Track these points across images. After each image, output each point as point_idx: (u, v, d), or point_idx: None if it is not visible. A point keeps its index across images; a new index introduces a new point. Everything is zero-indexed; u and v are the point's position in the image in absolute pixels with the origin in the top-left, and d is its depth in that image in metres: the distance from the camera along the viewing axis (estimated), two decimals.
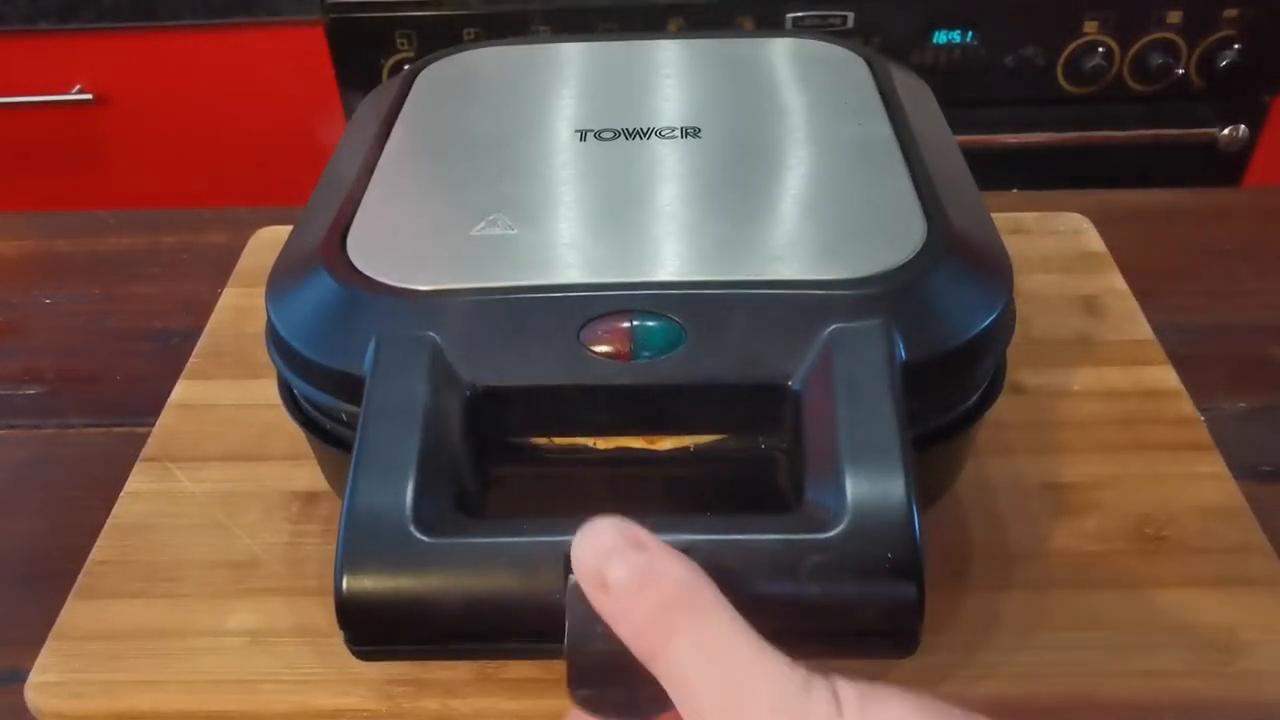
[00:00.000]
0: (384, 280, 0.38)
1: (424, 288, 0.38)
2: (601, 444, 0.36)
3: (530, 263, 0.39)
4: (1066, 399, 0.51)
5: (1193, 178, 1.17)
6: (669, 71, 0.52)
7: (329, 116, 1.19)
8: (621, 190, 0.43)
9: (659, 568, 0.26)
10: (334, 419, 0.39)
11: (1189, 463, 0.47)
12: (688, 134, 0.46)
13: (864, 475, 0.31)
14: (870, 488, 0.30)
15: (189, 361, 0.55)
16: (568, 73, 0.52)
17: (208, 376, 0.54)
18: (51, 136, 1.23)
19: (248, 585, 0.43)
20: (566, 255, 0.39)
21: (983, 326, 0.37)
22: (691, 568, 0.26)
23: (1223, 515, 0.45)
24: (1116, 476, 0.47)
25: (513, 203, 0.42)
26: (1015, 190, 0.74)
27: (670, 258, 0.39)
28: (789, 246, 0.39)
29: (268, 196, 1.02)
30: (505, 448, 0.36)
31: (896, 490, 0.30)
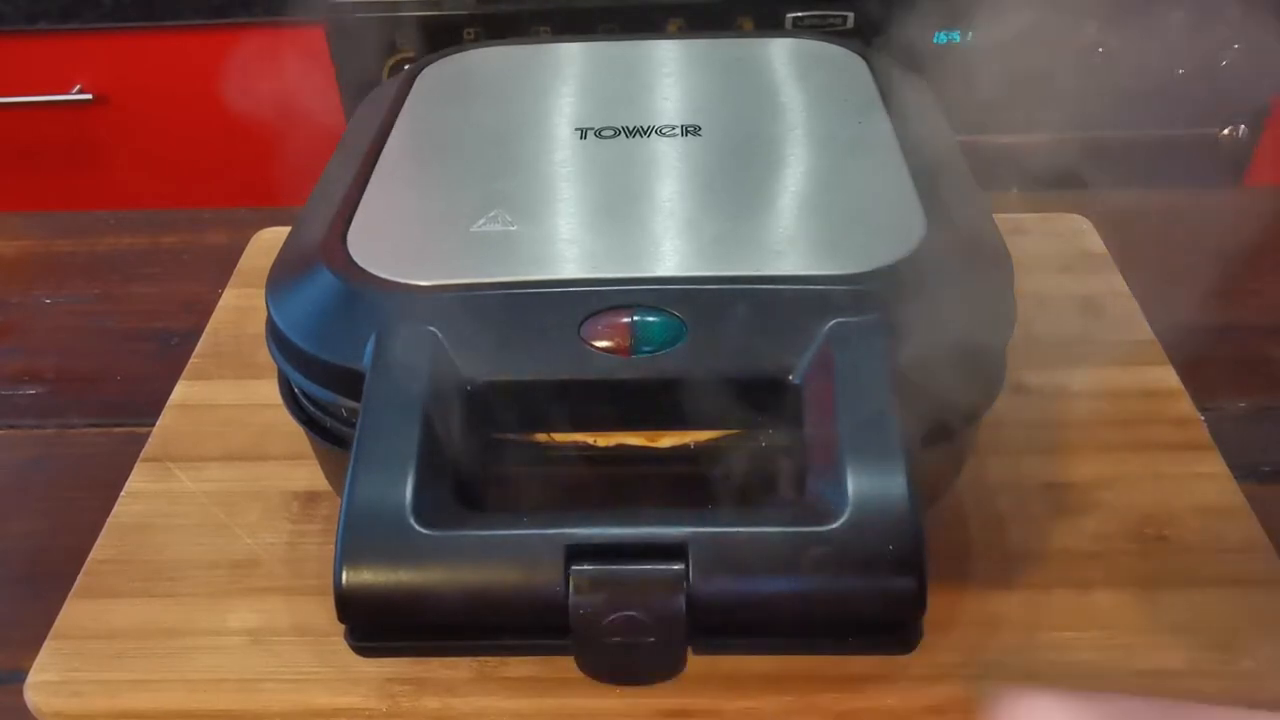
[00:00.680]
0: (384, 275, 0.38)
1: (424, 283, 0.38)
2: (602, 441, 0.36)
3: (530, 258, 0.39)
4: (1066, 399, 0.51)
5: (1193, 178, 1.17)
6: (669, 71, 0.52)
7: (329, 117, 1.19)
8: (621, 186, 0.43)
9: None
10: (334, 416, 0.39)
11: (1189, 463, 0.47)
12: (688, 132, 0.46)
13: (865, 469, 0.31)
14: (871, 481, 0.30)
15: (189, 361, 0.55)
16: (568, 72, 0.52)
17: (208, 376, 0.54)
18: (51, 136, 1.22)
19: (248, 584, 0.43)
20: (567, 251, 0.39)
21: (983, 322, 0.37)
22: None
23: (1223, 515, 0.45)
24: (1116, 476, 0.46)
25: (513, 199, 0.42)
26: (1015, 190, 0.74)
27: (671, 253, 0.39)
28: (789, 242, 0.39)
29: (268, 196, 1.02)
30: (505, 444, 0.36)
31: (897, 483, 0.30)
